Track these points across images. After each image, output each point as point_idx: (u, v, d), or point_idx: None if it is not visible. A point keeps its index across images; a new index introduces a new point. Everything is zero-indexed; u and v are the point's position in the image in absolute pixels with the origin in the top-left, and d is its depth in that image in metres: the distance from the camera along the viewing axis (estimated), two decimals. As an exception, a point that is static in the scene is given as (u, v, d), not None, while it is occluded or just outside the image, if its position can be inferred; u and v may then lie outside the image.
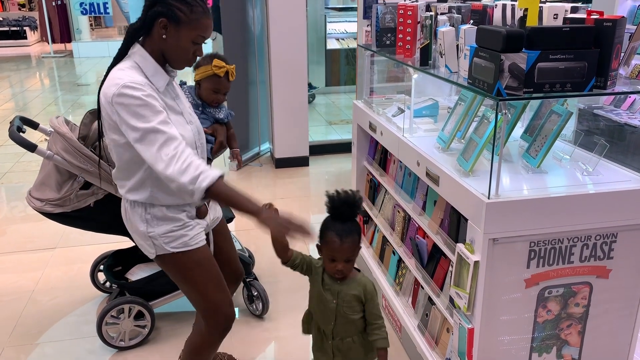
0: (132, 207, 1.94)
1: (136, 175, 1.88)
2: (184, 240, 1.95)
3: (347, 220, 1.87)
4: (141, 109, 1.72)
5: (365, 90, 3.30)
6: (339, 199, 1.87)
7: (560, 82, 1.78)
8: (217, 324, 2.07)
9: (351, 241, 1.85)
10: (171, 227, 1.93)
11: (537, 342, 2.03)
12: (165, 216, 1.92)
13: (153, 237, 1.92)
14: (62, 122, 2.54)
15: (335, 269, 1.88)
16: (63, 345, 2.79)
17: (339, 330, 1.94)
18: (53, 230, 3.91)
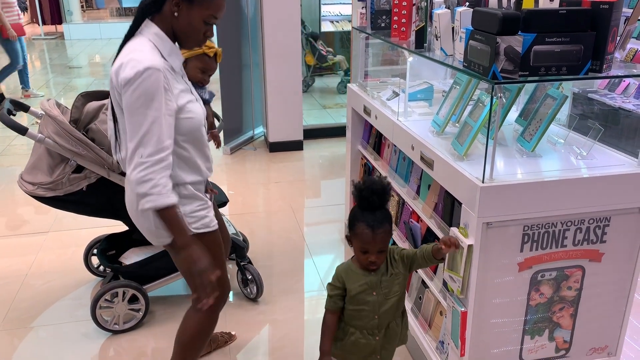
0: None
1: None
2: (206, 221, 1.92)
3: (377, 210, 1.80)
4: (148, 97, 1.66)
5: (360, 74, 3.28)
6: (367, 189, 1.78)
7: (556, 66, 1.77)
8: (217, 307, 2.07)
9: (383, 232, 1.78)
10: (196, 207, 1.89)
11: (529, 324, 2.05)
12: (192, 194, 1.87)
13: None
14: (54, 105, 2.51)
15: (368, 260, 1.81)
16: (57, 328, 2.80)
17: (383, 320, 1.88)
18: (46, 214, 3.89)
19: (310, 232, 3.70)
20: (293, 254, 3.47)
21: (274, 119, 5.24)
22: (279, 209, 4.15)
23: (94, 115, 2.62)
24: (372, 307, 1.85)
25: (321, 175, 4.79)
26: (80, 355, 2.60)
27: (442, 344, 2.24)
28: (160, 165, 1.68)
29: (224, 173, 4.91)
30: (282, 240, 3.67)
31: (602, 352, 2.16)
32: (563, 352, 2.13)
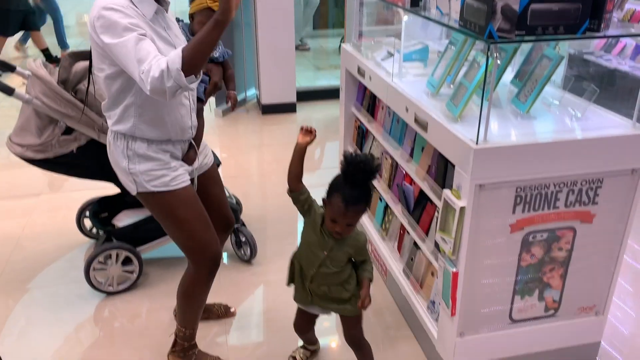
0: (115, 140, 1.92)
1: (122, 104, 1.85)
2: (164, 180, 1.94)
3: (358, 186, 1.80)
4: (117, 27, 1.66)
5: (354, 34, 3.21)
6: (353, 164, 1.77)
7: (553, 25, 1.74)
8: (204, 263, 2.08)
9: (356, 210, 1.80)
10: (152, 166, 1.92)
11: (520, 285, 2.08)
12: (146, 155, 1.91)
13: (134, 174, 1.92)
14: (40, 65, 2.46)
15: (334, 230, 1.84)
16: (52, 290, 2.81)
17: (318, 278, 1.95)
18: (37, 177, 3.87)
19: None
20: (286, 217, 3.48)
21: (266, 80, 5.16)
22: (272, 172, 4.14)
23: (82, 76, 2.56)
24: (315, 260, 1.91)
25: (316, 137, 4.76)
26: (75, 316, 2.62)
27: (433, 304, 2.28)
28: (154, 61, 1.63)
29: (217, 135, 4.87)
30: (276, 202, 3.68)
31: (590, 311, 2.20)
32: (552, 311, 2.16)
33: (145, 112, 1.86)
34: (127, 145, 1.90)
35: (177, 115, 1.93)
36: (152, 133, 1.90)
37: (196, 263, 2.09)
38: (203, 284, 2.14)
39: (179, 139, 1.99)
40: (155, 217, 2.05)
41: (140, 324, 2.58)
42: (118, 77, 1.79)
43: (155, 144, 1.92)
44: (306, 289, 2.00)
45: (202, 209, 2.06)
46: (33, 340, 2.48)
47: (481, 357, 2.17)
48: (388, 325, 2.57)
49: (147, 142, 1.91)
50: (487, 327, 2.11)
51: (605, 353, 2.38)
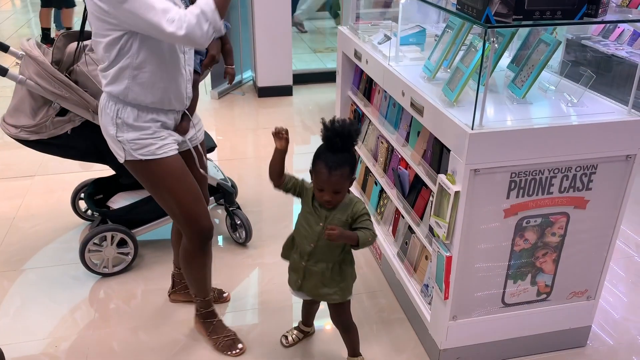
0: (107, 103, 1.91)
1: (119, 64, 1.82)
2: (152, 149, 1.94)
3: (339, 152, 1.82)
4: None
5: (351, 16, 3.19)
6: (332, 129, 1.80)
7: (550, 9, 1.73)
8: (195, 233, 2.11)
9: (340, 174, 1.81)
10: (139, 135, 1.92)
11: (512, 269, 2.09)
12: (133, 125, 1.91)
13: (122, 142, 1.92)
14: (34, 45, 2.43)
15: (323, 198, 1.86)
16: (47, 271, 2.82)
17: (317, 254, 1.96)
18: (32, 158, 3.84)
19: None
20: (282, 200, 3.48)
21: (262, 63, 5.13)
22: (268, 155, 4.09)
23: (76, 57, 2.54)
24: (313, 234, 1.92)
25: (311, 121, 4.75)
26: (70, 297, 2.63)
27: (427, 287, 2.29)
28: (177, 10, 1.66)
29: (212, 118, 4.85)
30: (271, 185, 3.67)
31: (581, 295, 2.23)
32: (544, 295, 2.18)
33: (140, 75, 1.85)
34: (117, 113, 1.90)
35: (172, 83, 1.93)
36: (144, 97, 1.88)
37: (187, 234, 2.13)
38: (198, 255, 2.17)
39: (171, 109, 1.99)
40: (145, 187, 2.07)
41: (135, 305, 2.59)
42: (119, 39, 1.77)
43: (146, 112, 1.92)
44: (300, 269, 2.01)
45: (192, 180, 2.06)
46: (28, 321, 2.49)
47: (473, 340, 2.19)
48: (382, 308, 2.59)
49: (138, 110, 1.90)
50: (479, 310, 2.13)
51: (596, 337, 2.42)
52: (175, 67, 1.92)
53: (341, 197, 1.88)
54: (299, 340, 2.37)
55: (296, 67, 5.54)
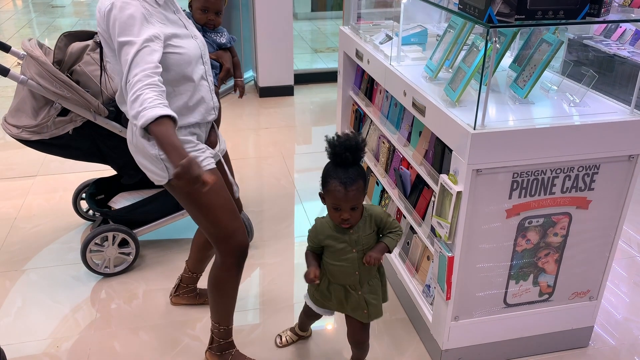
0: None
1: None
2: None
3: (350, 166, 1.77)
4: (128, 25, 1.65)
5: (353, 16, 3.19)
6: (340, 144, 1.74)
7: (553, 9, 1.72)
8: (231, 252, 2.00)
9: (356, 189, 1.75)
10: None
11: (515, 270, 2.09)
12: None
13: (165, 160, 1.83)
14: (35, 45, 2.43)
15: (341, 218, 1.79)
16: (48, 271, 2.82)
17: (363, 278, 1.91)
18: (33, 158, 3.85)
19: (301, 179, 3.71)
20: (283, 200, 3.48)
21: (263, 63, 5.13)
22: (269, 155, 4.13)
23: (78, 57, 2.54)
24: (352, 263, 1.87)
25: (312, 121, 4.75)
26: (72, 298, 2.63)
27: (429, 288, 2.29)
28: (146, 82, 1.59)
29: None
30: (273, 186, 3.68)
31: (584, 296, 2.22)
32: (546, 296, 2.18)
33: (172, 102, 1.79)
34: None
35: (200, 98, 1.89)
36: (180, 120, 1.82)
37: (222, 252, 2.01)
38: (231, 274, 2.04)
39: (204, 121, 1.94)
40: (183, 203, 1.97)
41: (137, 306, 2.59)
42: None
43: (184, 127, 1.87)
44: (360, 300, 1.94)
45: (229, 195, 1.98)
46: (29, 322, 2.49)
47: (475, 341, 2.19)
48: (383, 308, 2.58)
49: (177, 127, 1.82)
50: (481, 311, 2.13)
51: (599, 337, 2.41)
52: (201, 80, 1.90)
53: (359, 213, 1.83)
54: (292, 342, 2.37)
55: (297, 67, 5.53)
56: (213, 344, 2.19)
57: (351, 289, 1.93)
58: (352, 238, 1.86)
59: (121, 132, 2.54)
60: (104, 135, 2.56)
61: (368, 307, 1.96)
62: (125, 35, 1.65)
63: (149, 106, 1.55)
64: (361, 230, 1.86)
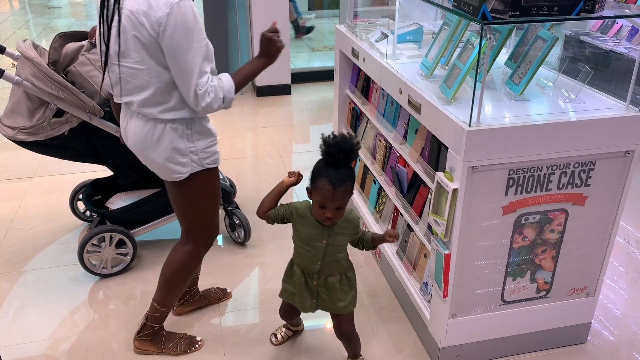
0: (172, 125, 1.88)
1: (177, 94, 1.85)
2: (216, 157, 2.02)
3: (341, 167, 1.79)
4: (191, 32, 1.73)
5: (349, 14, 3.18)
6: (335, 144, 1.76)
7: (547, 5, 1.72)
8: (207, 243, 2.18)
9: (344, 190, 1.79)
10: (208, 142, 1.98)
11: (512, 267, 2.09)
12: (205, 129, 1.96)
13: (193, 152, 1.94)
14: (30, 46, 2.42)
15: (324, 216, 1.82)
16: (46, 272, 2.81)
17: (324, 270, 1.95)
18: (30, 159, 3.84)
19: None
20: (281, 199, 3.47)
21: (261, 62, 5.11)
22: (267, 154, 4.13)
23: (73, 57, 2.54)
24: (318, 252, 1.92)
25: (309, 120, 4.74)
26: (69, 298, 2.63)
27: (426, 285, 2.29)
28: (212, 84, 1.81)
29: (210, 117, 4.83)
30: (270, 185, 3.62)
31: (581, 292, 2.22)
32: (544, 292, 2.18)
33: None
34: (187, 126, 1.91)
35: None
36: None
37: (199, 242, 2.14)
38: (198, 262, 2.22)
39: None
40: (190, 198, 2.04)
41: (134, 306, 2.59)
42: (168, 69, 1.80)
43: (204, 118, 1.98)
44: (312, 289, 1.99)
45: None
46: (27, 323, 2.48)
47: (473, 338, 2.19)
48: (381, 306, 2.59)
49: (204, 119, 1.97)
50: (478, 308, 2.13)
51: (597, 333, 2.41)
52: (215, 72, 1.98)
53: (342, 213, 1.86)
54: (288, 338, 2.37)
55: (294, 65, 5.53)
56: (145, 331, 2.26)
57: (308, 276, 1.99)
58: (325, 230, 1.90)
59: (117, 132, 2.54)
60: (100, 135, 2.55)
61: (317, 298, 2.01)
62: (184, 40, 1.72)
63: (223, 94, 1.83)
64: (336, 228, 1.90)
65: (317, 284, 1.99)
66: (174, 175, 1.96)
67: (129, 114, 1.95)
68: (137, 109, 1.88)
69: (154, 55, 1.76)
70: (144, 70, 1.79)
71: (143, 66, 1.79)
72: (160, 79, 1.81)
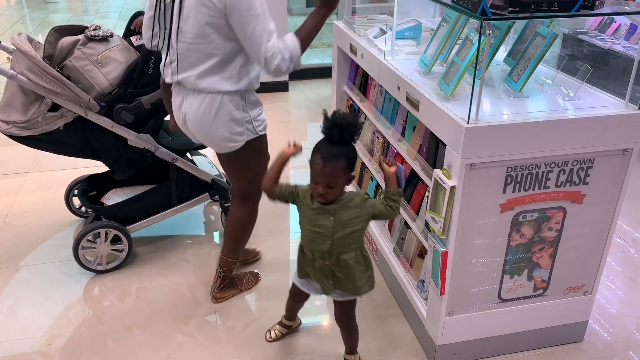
0: (228, 97, 2.04)
1: (237, 64, 2.01)
2: (265, 123, 2.23)
3: (337, 144, 1.78)
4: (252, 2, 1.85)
5: (347, 10, 3.17)
6: (331, 120, 1.76)
7: (547, 2, 1.71)
8: (259, 198, 2.41)
9: (334, 167, 1.76)
10: (258, 111, 2.18)
11: (509, 264, 2.08)
12: (256, 100, 2.17)
13: (248, 122, 2.13)
14: (25, 40, 2.40)
15: (317, 192, 1.82)
16: (40, 268, 2.79)
17: (336, 248, 1.88)
18: (25, 155, 3.81)
19: (296, 174, 3.68)
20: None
21: (258, 58, 5.09)
22: (264, 151, 4.11)
23: (68, 52, 2.52)
24: (326, 231, 1.87)
25: (307, 117, 4.73)
26: (64, 295, 2.61)
27: (423, 283, 2.28)
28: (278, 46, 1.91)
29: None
30: (267, 181, 3.65)
31: (578, 290, 2.21)
32: (541, 291, 2.17)
33: (252, 69, 2.07)
34: (241, 97, 2.08)
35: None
36: (255, 84, 2.13)
37: (257, 196, 2.38)
38: (256, 212, 2.45)
39: None
40: (247, 165, 2.19)
41: (130, 303, 2.57)
42: (232, 39, 1.94)
43: (251, 91, 2.13)
44: (327, 270, 1.94)
45: None
46: (21, 319, 2.47)
47: (470, 336, 2.18)
48: (378, 304, 2.58)
49: (252, 91, 2.13)
50: (475, 306, 2.12)
51: (593, 332, 2.41)
52: None
53: (336, 192, 1.83)
54: (282, 336, 2.36)
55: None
56: (223, 282, 2.53)
57: (320, 258, 1.92)
58: (329, 208, 1.86)
59: (112, 127, 2.52)
60: (96, 130, 2.53)
61: (333, 278, 1.95)
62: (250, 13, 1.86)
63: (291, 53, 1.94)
64: (340, 207, 1.85)
65: (329, 264, 1.92)
66: (231, 145, 2.13)
67: (182, 94, 2.10)
68: (193, 85, 2.02)
69: (218, 27, 1.89)
70: (205, 44, 1.93)
71: (203, 40, 1.92)
72: (221, 50, 1.95)
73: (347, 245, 1.91)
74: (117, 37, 2.63)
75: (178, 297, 2.60)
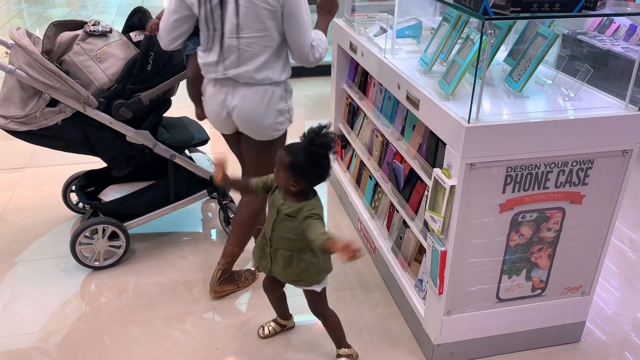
0: (276, 88, 2.17)
1: (285, 54, 2.18)
2: (293, 112, 2.33)
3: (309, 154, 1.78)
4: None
5: (347, 8, 3.16)
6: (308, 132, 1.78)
7: (549, 2, 1.71)
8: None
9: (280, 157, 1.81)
10: (291, 100, 2.29)
11: (507, 264, 2.08)
12: (291, 90, 2.29)
13: (287, 111, 2.26)
14: (24, 35, 2.38)
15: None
16: (37, 264, 2.78)
17: (275, 241, 1.95)
18: (22, 150, 3.79)
19: None
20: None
21: (257, 55, 5.07)
22: (262, 148, 4.10)
23: (67, 47, 2.50)
24: (271, 217, 1.95)
25: (305, 115, 4.72)
26: (61, 291, 2.60)
27: (421, 282, 2.28)
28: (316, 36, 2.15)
29: (206, 111, 4.80)
30: (265, 179, 3.64)
31: (576, 291, 2.22)
32: (539, 291, 2.17)
33: (289, 58, 2.22)
34: (284, 87, 2.22)
35: None
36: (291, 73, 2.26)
37: None
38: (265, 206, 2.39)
39: None
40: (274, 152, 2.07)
41: (126, 299, 2.56)
42: (281, 30, 2.07)
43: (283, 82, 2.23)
44: (267, 253, 2.00)
45: None
46: (18, 315, 2.46)
47: (467, 336, 2.18)
48: (376, 303, 2.57)
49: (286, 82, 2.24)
50: (474, 305, 2.12)
51: (590, 332, 2.41)
52: None
53: (281, 181, 1.86)
54: (275, 333, 2.35)
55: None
56: (224, 275, 2.53)
57: (266, 240, 1.99)
58: (277, 204, 1.90)
59: (111, 123, 2.51)
60: (94, 126, 2.52)
61: (271, 264, 2.00)
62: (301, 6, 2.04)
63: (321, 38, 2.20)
64: (285, 206, 1.88)
65: (270, 250, 1.98)
66: (274, 134, 2.23)
67: (226, 89, 2.16)
68: (250, 78, 2.10)
69: (275, 21, 2.02)
70: (263, 37, 2.04)
71: (263, 33, 2.03)
72: (275, 43, 2.08)
73: (282, 244, 1.95)
74: (116, 33, 2.61)
75: (175, 294, 2.60)
